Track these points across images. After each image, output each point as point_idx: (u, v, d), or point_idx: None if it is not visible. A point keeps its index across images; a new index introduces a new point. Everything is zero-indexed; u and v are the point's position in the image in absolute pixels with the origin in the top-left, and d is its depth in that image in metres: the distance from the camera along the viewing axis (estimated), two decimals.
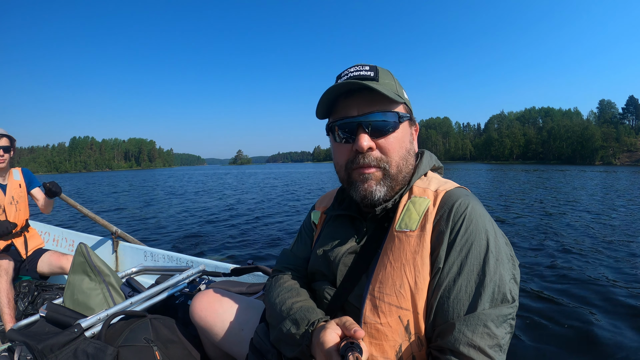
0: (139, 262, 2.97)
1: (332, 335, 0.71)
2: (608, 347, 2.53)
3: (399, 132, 0.85)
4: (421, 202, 0.83)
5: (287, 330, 0.85)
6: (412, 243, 0.78)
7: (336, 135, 0.88)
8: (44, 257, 2.64)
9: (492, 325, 0.68)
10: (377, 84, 0.82)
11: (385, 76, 0.87)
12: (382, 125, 0.83)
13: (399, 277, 0.76)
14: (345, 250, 0.92)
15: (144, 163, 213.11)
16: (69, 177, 58.23)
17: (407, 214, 0.83)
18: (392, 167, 0.84)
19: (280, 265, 1.13)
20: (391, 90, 0.84)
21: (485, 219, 0.77)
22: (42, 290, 2.24)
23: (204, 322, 1.18)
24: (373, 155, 0.83)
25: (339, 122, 0.86)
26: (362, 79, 0.83)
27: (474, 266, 0.72)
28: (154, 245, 4.19)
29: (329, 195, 1.16)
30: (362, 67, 0.86)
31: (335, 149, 0.91)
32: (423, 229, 0.78)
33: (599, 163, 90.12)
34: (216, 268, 2.33)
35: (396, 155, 0.84)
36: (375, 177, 0.84)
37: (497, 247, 0.74)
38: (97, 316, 1.37)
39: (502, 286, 0.71)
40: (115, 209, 11.99)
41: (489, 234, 0.75)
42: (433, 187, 0.86)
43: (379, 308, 0.77)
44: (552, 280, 3.90)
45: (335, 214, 1.02)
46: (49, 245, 3.49)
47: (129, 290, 1.89)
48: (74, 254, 1.74)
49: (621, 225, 7.17)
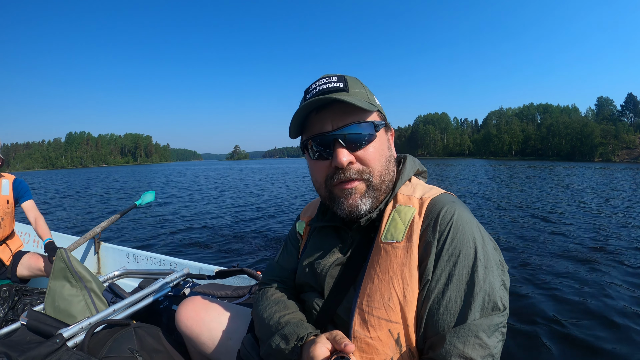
0: (122, 264, 2.93)
1: (322, 350, 0.71)
2: (604, 350, 2.54)
3: (377, 142, 0.84)
4: (406, 211, 0.82)
5: (276, 345, 0.84)
6: (399, 255, 0.77)
7: (311, 152, 0.86)
8: (23, 259, 2.55)
9: (484, 335, 0.68)
10: (347, 95, 0.81)
11: (354, 85, 0.85)
12: (359, 137, 0.81)
13: (387, 290, 0.76)
14: (332, 262, 0.91)
15: (140, 158, 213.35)
16: (65, 173, 57.70)
17: (393, 224, 0.82)
18: (375, 178, 0.83)
19: (267, 278, 1.12)
20: (363, 100, 0.82)
21: (472, 226, 0.77)
22: (23, 294, 2.19)
23: (190, 331, 1.15)
24: (354, 169, 0.82)
25: (313, 138, 0.84)
26: (332, 92, 0.81)
27: (462, 276, 0.72)
28: (137, 246, 4.16)
29: (313, 204, 1.14)
30: (329, 78, 0.84)
31: (313, 166, 0.89)
32: (410, 240, 0.78)
33: (599, 160, 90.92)
34: (200, 270, 2.31)
35: (377, 165, 0.83)
36: (359, 190, 0.82)
37: (485, 255, 0.73)
38: (79, 325, 1.34)
39: (492, 294, 0.70)
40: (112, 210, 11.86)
41: (477, 241, 0.74)
42: (418, 195, 0.85)
43: (368, 322, 0.76)
44: (543, 280, 3.91)
45: (319, 225, 1.01)
46: (29, 247, 3.42)
47: (112, 296, 1.85)
48: (55, 259, 1.71)
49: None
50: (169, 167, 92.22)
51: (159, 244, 6.09)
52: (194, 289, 1.85)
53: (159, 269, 2.52)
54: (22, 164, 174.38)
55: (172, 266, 2.58)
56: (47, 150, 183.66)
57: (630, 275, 4.06)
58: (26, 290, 2.27)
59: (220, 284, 1.98)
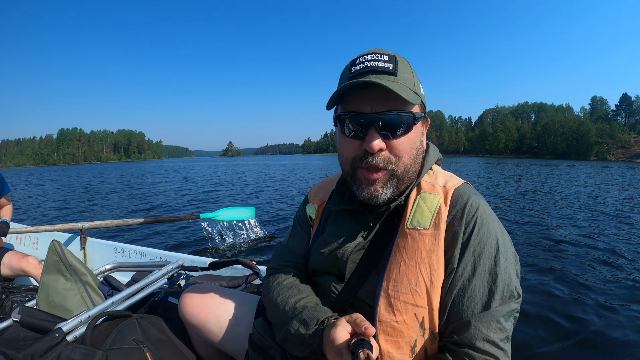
0: (110, 259, 2.85)
1: (342, 333, 0.73)
2: (604, 343, 2.56)
3: (412, 133, 0.85)
4: (432, 198, 0.86)
5: (295, 330, 0.85)
6: (427, 242, 0.81)
7: (345, 128, 0.85)
8: (4, 259, 2.46)
9: (503, 320, 0.76)
10: (395, 80, 0.80)
11: (404, 69, 0.84)
12: (396, 126, 0.81)
13: (414, 275, 0.79)
14: (354, 246, 0.93)
15: (133, 155, 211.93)
16: (57, 170, 57.03)
17: (419, 211, 0.85)
18: (399, 168, 0.84)
19: (277, 263, 1.11)
20: (409, 89, 0.82)
21: (494, 220, 0.83)
22: (10, 292, 2.13)
23: (196, 319, 1.15)
24: (382, 156, 0.83)
25: (350, 115, 0.83)
26: (379, 71, 0.81)
27: (486, 266, 0.78)
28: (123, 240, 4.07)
29: (324, 186, 1.15)
30: (380, 56, 0.82)
31: (343, 142, 0.89)
32: (437, 228, 0.82)
33: (594, 158, 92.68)
34: (192, 262, 2.30)
35: (406, 157, 0.85)
36: (382, 181, 0.85)
37: (505, 247, 0.81)
38: (78, 318, 1.31)
39: (510, 284, 0.78)
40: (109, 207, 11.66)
41: (498, 234, 0.81)
42: (441, 183, 0.89)
43: (395, 306, 0.79)
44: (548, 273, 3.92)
45: (337, 209, 1.01)
46: (11, 243, 3.35)
47: (108, 288, 1.83)
48: (47, 252, 1.68)
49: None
50: (164, 164, 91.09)
51: (145, 239, 5.97)
52: (189, 281, 1.84)
53: (151, 261, 2.47)
54: (13, 161, 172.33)
55: (162, 259, 2.54)
56: (39, 147, 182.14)
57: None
58: (13, 287, 2.20)
59: (215, 274, 1.96)
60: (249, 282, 1.79)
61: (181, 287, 1.79)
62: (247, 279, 1.79)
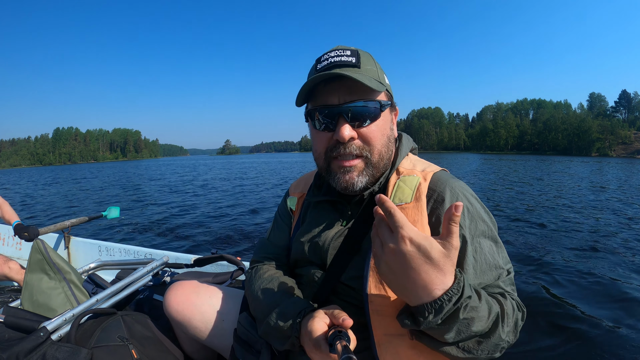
0: (94, 257, 2.87)
1: (320, 324, 0.75)
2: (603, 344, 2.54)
3: (381, 121, 0.89)
4: (411, 179, 0.90)
5: (274, 323, 0.87)
6: (410, 213, 0.84)
7: (316, 121, 0.90)
8: None
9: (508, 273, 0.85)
10: (358, 72, 0.85)
11: (366, 61, 0.89)
12: (364, 114, 0.86)
13: None
14: (334, 234, 0.96)
15: (130, 154, 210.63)
16: (53, 170, 56.64)
17: (400, 191, 0.89)
18: (374, 156, 0.89)
19: (259, 256, 1.15)
20: (373, 79, 0.86)
21: (473, 198, 0.88)
22: None
23: (181, 316, 1.16)
24: (355, 145, 0.87)
25: (319, 109, 0.88)
26: (343, 65, 0.86)
27: (475, 240, 0.83)
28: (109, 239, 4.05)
29: (304, 180, 1.19)
30: (342, 51, 0.88)
31: (315, 136, 0.93)
32: (418, 200, 0.86)
33: (595, 155, 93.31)
34: (177, 260, 2.32)
35: (378, 144, 0.89)
36: (357, 169, 0.88)
37: (491, 223, 0.87)
38: (62, 317, 1.32)
39: (501, 251, 0.87)
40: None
41: (480, 211, 0.87)
42: (419, 168, 0.94)
43: (384, 283, 0.80)
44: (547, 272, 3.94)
45: (316, 201, 1.05)
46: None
47: (92, 287, 1.84)
48: (30, 251, 1.68)
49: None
50: (164, 162, 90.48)
51: (131, 236, 5.99)
52: (174, 278, 1.86)
53: (135, 259, 2.49)
54: (8, 161, 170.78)
55: (147, 257, 2.56)
56: (35, 146, 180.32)
57: None
58: None
59: (200, 271, 1.99)
60: (234, 277, 1.82)
61: (166, 285, 1.81)
62: (232, 275, 1.82)
